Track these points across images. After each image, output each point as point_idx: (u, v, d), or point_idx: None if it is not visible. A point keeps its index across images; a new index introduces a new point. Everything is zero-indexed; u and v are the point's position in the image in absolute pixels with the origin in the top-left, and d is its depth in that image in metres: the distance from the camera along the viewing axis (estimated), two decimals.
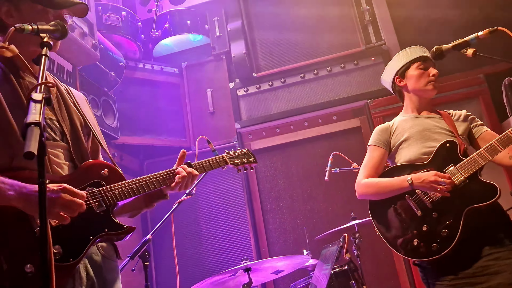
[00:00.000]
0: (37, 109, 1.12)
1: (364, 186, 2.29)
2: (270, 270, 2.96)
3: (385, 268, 3.92)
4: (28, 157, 0.99)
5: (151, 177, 1.71)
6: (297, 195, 4.33)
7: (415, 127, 2.29)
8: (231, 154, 2.15)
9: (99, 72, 3.87)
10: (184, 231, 4.34)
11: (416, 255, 2.06)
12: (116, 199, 1.58)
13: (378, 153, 2.35)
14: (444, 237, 2.00)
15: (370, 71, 4.48)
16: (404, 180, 2.12)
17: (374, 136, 2.42)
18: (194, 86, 4.91)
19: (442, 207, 2.07)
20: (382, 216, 2.21)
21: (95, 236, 1.51)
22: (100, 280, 1.54)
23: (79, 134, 1.67)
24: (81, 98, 1.84)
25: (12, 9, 1.56)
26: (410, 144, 2.26)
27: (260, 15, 4.93)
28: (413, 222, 2.10)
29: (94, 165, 1.61)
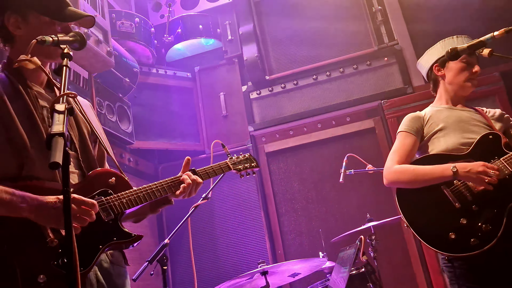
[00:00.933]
0: (61, 120, 1.14)
1: (397, 172, 2.13)
2: (287, 273, 2.96)
3: (403, 270, 3.89)
4: (54, 167, 1.02)
5: (157, 185, 1.73)
6: (312, 197, 4.33)
7: (451, 117, 2.20)
8: (234, 159, 2.16)
9: (114, 78, 3.93)
10: (200, 235, 4.36)
11: (451, 249, 1.94)
12: (123, 208, 1.60)
13: (410, 140, 2.21)
14: (485, 232, 1.89)
15: (383, 71, 4.46)
16: (447, 168, 1.98)
17: (406, 123, 2.28)
18: (207, 90, 4.94)
19: (483, 200, 1.96)
20: (413, 206, 2.07)
21: (104, 245, 1.52)
22: (110, 286, 1.57)
23: (87, 142, 1.69)
24: (87, 105, 1.86)
25: (19, 21, 1.59)
26: (447, 134, 2.15)
27: (271, 18, 4.94)
28: (450, 214, 1.98)
29: (101, 174, 1.63)
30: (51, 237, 1.39)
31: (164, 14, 4.99)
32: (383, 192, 4.10)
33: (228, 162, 2.11)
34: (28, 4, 1.59)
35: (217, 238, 4.38)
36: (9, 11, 1.59)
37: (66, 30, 1.62)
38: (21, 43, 1.59)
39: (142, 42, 4.44)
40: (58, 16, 1.60)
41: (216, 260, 4.31)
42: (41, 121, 1.54)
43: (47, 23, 1.59)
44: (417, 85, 4.28)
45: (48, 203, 1.35)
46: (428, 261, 3.75)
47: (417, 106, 4.07)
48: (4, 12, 1.60)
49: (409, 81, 4.32)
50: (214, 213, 4.45)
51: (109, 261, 1.61)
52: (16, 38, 1.62)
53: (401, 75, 4.35)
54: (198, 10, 5.00)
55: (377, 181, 4.08)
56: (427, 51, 2.46)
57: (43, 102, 1.61)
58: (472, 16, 4.16)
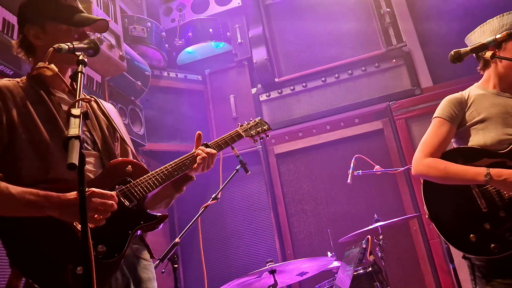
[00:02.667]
0: (76, 123, 1.22)
1: (428, 167, 2.02)
2: (295, 272, 3.01)
3: (410, 270, 3.91)
4: (71, 168, 1.09)
5: (172, 165, 1.79)
6: (321, 198, 4.37)
7: (496, 107, 2.03)
8: (244, 126, 2.18)
9: (126, 82, 4.02)
10: (210, 235, 4.44)
11: (469, 250, 1.91)
12: (145, 192, 1.66)
13: (445, 129, 2.06)
14: (508, 241, 1.85)
15: (392, 73, 4.48)
16: (480, 174, 1.89)
17: (444, 108, 2.11)
18: (217, 92, 5.02)
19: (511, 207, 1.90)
20: (438, 200, 2.01)
21: (133, 230, 1.61)
22: (135, 279, 1.63)
23: (109, 142, 1.77)
24: (111, 108, 1.95)
25: (39, 32, 1.67)
26: (487, 127, 2.01)
27: (280, 21, 5.01)
28: (475, 215, 1.93)
29: (118, 164, 1.69)
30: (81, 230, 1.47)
31: (175, 18, 5.09)
32: (390, 193, 4.14)
33: (239, 130, 2.13)
34: (45, 15, 1.67)
35: (227, 237, 4.45)
36: (28, 23, 1.69)
37: (82, 36, 1.70)
38: (42, 53, 1.66)
39: (154, 46, 4.54)
40: (73, 22, 1.68)
41: (225, 259, 4.38)
42: (64, 125, 1.60)
43: (64, 31, 1.67)
44: (425, 87, 4.30)
45: (70, 200, 1.42)
46: (436, 261, 3.77)
47: (425, 108, 4.10)
48: (23, 25, 1.70)
49: (417, 82, 4.34)
50: (224, 213, 4.52)
51: (134, 255, 1.68)
52: (37, 49, 1.71)
53: (409, 77, 4.37)
54: (208, 14, 5.08)
55: (385, 182, 4.13)
56: (482, 25, 2.18)
57: (66, 107, 1.67)
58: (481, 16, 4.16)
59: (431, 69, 4.33)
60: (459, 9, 4.28)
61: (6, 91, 1.58)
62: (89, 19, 1.70)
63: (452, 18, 4.25)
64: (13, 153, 1.53)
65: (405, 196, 4.04)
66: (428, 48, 4.39)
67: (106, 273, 1.50)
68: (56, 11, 1.68)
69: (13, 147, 1.53)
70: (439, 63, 4.28)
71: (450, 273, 3.68)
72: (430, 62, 4.35)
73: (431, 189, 2.05)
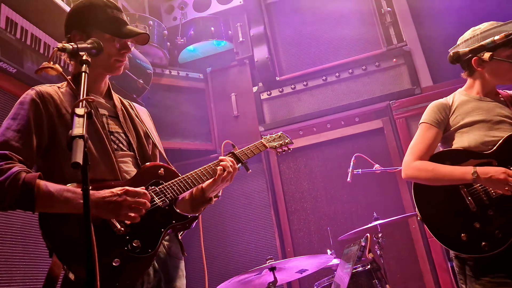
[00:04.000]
0: (81, 123, 1.24)
1: (416, 169, 2.09)
2: (295, 269, 3.04)
3: (409, 267, 3.94)
4: (75, 166, 1.12)
5: (202, 170, 1.85)
6: (321, 196, 4.40)
7: (479, 111, 2.11)
8: (268, 138, 2.30)
9: (128, 80, 4.04)
10: (211, 232, 4.47)
11: (460, 249, 1.97)
12: (176, 193, 1.74)
13: (432, 134, 2.14)
14: (497, 238, 1.90)
15: (392, 72, 4.51)
16: (468, 172, 1.95)
17: (430, 113, 2.20)
18: (219, 90, 5.05)
19: (500, 205, 1.95)
20: (428, 202, 2.06)
21: (166, 228, 1.68)
22: (166, 276, 1.69)
23: (143, 143, 1.86)
24: (143, 111, 2.04)
25: (84, 38, 1.72)
26: (471, 130, 2.08)
27: (282, 20, 5.03)
28: (464, 215, 1.98)
29: (151, 167, 1.78)
30: (117, 226, 1.54)
31: (177, 16, 5.11)
32: (389, 191, 4.16)
33: (264, 141, 2.25)
34: (92, 23, 1.75)
35: (227, 235, 4.48)
36: (75, 29, 1.77)
37: (124, 46, 1.78)
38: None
39: (156, 44, 4.56)
40: (118, 33, 1.76)
41: (226, 256, 4.41)
42: (102, 127, 1.72)
43: (108, 40, 1.74)
44: (425, 86, 4.32)
45: (105, 197, 1.49)
46: (435, 259, 3.80)
47: (425, 107, 4.08)
48: (71, 31, 1.78)
49: (418, 82, 4.36)
50: (225, 211, 4.55)
51: (167, 253, 1.74)
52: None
53: (409, 76, 4.40)
54: (210, 12, 5.10)
55: (384, 180, 4.15)
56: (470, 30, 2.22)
57: (103, 111, 1.80)
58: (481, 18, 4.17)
59: (431, 69, 4.36)
60: (460, 9, 4.30)
61: (47, 96, 1.67)
62: (132, 32, 1.78)
63: (453, 18, 4.26)
64: (56, 154, 1.62)
65: (404, 194, 4.07)
66: (429, 47, 4.41)
67: (140, 267, 1.57)
68: (104, 21, 1.76)
69: (55, 149, 1.62)
70: (439, 63, 4.29)
71: (448, 271, 3.71)
72: (430, 61, 4.37)
73: (422, 191, 2.10)
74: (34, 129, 1.60)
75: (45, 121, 1.63)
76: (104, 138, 1.69)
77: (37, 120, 1.61)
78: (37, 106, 1.63)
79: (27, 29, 2.78)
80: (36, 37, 2.84)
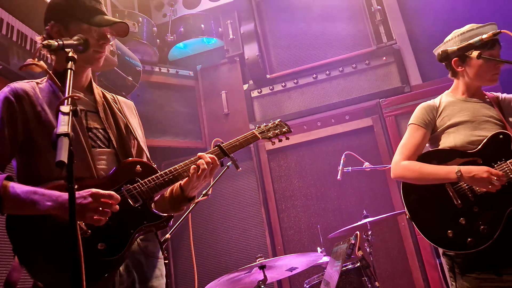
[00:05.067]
0: (66, 121, 1.22)
1: (404, 169, 2.15)
2: (285, 267, 3.04)
3: (398, 265, 3.97)
4: (60, 165, 1.10)
5: (182, 166, 1.76)
6: (311, 194, 4.41)
7: (465, 111, 2.16)
8: (262, 128, 2.10)
9: (117, 77, 4.01)
10: (201, 230, 4.45)
11: (448, 246, 2.01)
12: (151, 192, 1.66)
13: (420, 134, 2.19)
14: (482, 234, 1.95)
15: (382, 70, 4.52)
16: (452, 171, 2.00)
17: (417, 115, 2.25)
18: (209, 88, 5.03)
19: (484, 202, 2.00)
20: (416, 201, 2.12)
21: (136, 229, 1.60)
22: (141, 277, 1.63)
23: (125, 139, 1.78)
24: (128, 104, 1.96)
25: (62, 30, 1.70)
26: (458, 130, 2.13)
27: (272, 18, 5.02)
28: (451, 212, 2.03)
29: (128, 164, 1.70)
30: (84, 228, 1.49)
31: (167, 13, 5.07)
32: (379, 189, 4.19)
33: (255, 131, 2.05)
34: (69, 14, 1.71)
35: (217, 233, 4.47)
36: (52, 21, 1.73)
37: (102, 37, 1.73)
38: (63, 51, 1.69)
39: (145, 41, 4.53)
40: (94, 22, 1.71)
41: (216, 255, 4.40)
42: (79, 124, 1.66)
43: (86, 30, 1.69)
44: (415, 84, 4.35)
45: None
46: (424, 256, 3.83)
47: (414, 105, 4.07)
48: (49, 22, 1.74)
49: (407, 80, 4.38)
50: (215, 209, 4.54)
51: (142, 253, 1.68)
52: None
53: (399, 74, 4.42)
54: (200, 9, 5.08)
55: (374, 178, 4.18)
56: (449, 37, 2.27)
57: (82, 106, 1.73)
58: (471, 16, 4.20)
59: (420, 67, 4.38)
60: (449, 8, 4.32)
61: (22, 93, 1.63)
62: (109, 21, 1.73)
63: (442, 16, 4.29)
64: (31, 152, 1.59)
65: (394, 192, 4.09)
66: (418, 46, 4.43)
67: (104, 270, 1.51)
68: (80, 11, 1.71)
69: (30, 147, 1.59)
70: (428, 61, 4.32)
71: (437, 268, 3.74)
72: (420, 60, 4.40)
73: (410, 191, 2.15)
74: (6, 129, 1.57)
75: (19, 120, 1.59)
76: (80, 135, 1.64)
77: (10, 118, 1.58)
78: (10, 104, 1.60)
79: (13, 25, 2.74)
80: (23, 33, 2.80)
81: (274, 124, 2.17)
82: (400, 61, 4.45)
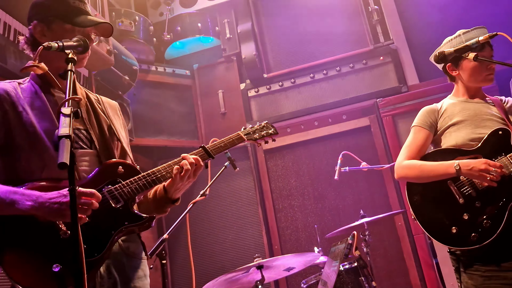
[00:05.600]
0: (67, 123, 1.22)
1: (406, 168, 2.19)
2: (282, 267, 3.05)
3: (395, 264, 3.98)
4: (62, 167, 1.10)
5: (166, 167, 1.75)
6: (308, 194, 4.41)
7: (466, 111, 2.20)
8: (248, 129, 2.10)
9: (114, 76, 3.99)
10: (198, 230, 4.45)
11: (452, 243, 2.02)
12: (133, 193, 1.64)
13: (422, 135, 2.25)
14: (486, 228, 1.96)
15: (379, 70, 4.54)
16: (451, 166, 2.04)
17: (420, 117, 2.31)
18: (206, 87, 5.01)
19: (486, 197, 2.01)
20: (420, 200, 2.14)
21: (117, 230, 1.59)
22: (123, 278, 1.62)
23: (108, 140, 1.76)
24: (113, 106, 1.94)
25: (45, 29, 1.70)
26: (459, 129, 2.17)
27: (269, 17, 5.01)
28: (454, 209, 2.05)
29: (110, 165, 1.68)
30: (63, 229, 1.47)
31: (163, 12, 5.05)
32: (377, 189, 4.20)
33: (241, 132, 2.06)
34: (52, 13, 1.70)
35: (214, 233, 4.47)
36: (35, 21, 1.72)
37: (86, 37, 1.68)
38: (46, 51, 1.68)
39: (142, 40, 4.51)
40: (77, 23, 1.70)
41: (213, 255, 4.40)
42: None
43: (68, 30, 1.69)
44: (412, 84, 4.36)
45: (51, 198, 1.43)
46: (421, 256, 3.84)
47: (411, 105, 4.15)
48: (32, 22, 1.73)
49: (404, 80, 4.40)
50: (213, 209, 4.53)
51: (124, 254, 1.67)
52: None
53: (396, 74, 4.43)
54: (197, 8, 5.06)
55: (371, 178, 4.19)
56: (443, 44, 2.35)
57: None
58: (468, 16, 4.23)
59: (417, 67, 4.40)
60: (446, 8, 4.34)
61: (3, 93, 1.62)
62: (92, 21, 1.72)
63: (439, 16, 4.30)
64: (12, 152, 1.57)
65: (391, 192, 4.11)
66: (415, 46, 4.45)
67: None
68: (64, 11, 1.71)
69: (11, 147, 1.57)
70: (425, 61, 4.30)
71: (433, 267, 3.76)
72: (417, 60, 4.41)
73: (413, 190, 2.18)
74: None
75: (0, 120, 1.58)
76: None
77: None
78: None
79: (10, 24, 2.72)
80: (20, 32, 2.78)
81: (261, 126, 2.17)
82: (397, 61, 4.46)
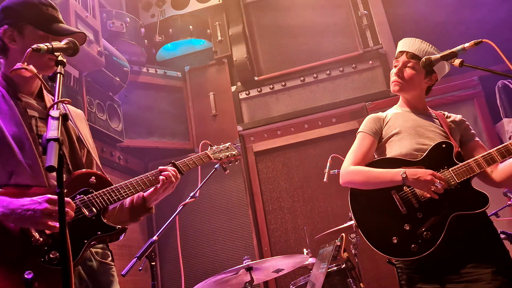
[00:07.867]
0: (55, 126, 1.23)
1: (352, 173, 2.15)
2: (271, 269, 3.06)
3: (383, 266, 4.02)
4: (50, 170, 1.10)
5: (137, 180, 1.80)
6: (298, 196, 4.45)
7: (408, 121, 2.23)
8: (214, 149, 2.23)
9: (105, 77, 3.99)
10: (188, 232, 4.46)
11: (392, 253, 2.00)
12: (105, 203, 1.67)
13: (368, 142, 2.24)
14: (426, 240, 1.95)
15: (368, 74, 4.59)
16: (398, 173, 2.02)
17: (366, 124, 2.33)
18: (197, 89, 5.03)
19: (428, 208, 2.02)
20: (363, 207, 2.12)
21: (89, 239, 1.61)
22: (94, 283, 1.65)
23: (76, 148, 1.77)
24: (78, 114, 1.94)
25: (15, 35, 1.69)
26: (402, 138, 2.18)
27: (260, 20, 5.04)
28: (395, 219, 2.03)
29: (81, 175, 1.70)
30: (35, 236, 1.47)
31: (155, 14, 5.06)
32: None
33: (208, 152, 2.19)
34: (24, 19, 1.69)
35: (204, 235, 4.48)
36: (6, 25, 1.70)
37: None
38: (14, 56, 1.68)
39: (133, 42, 4.52)
40: (51, 30, 1.70)
41: (203, 256, 4.41)
42: (29, 130, 1.63)
43: (41, 37, 1.68)
44: None
45: (23, 205, 1.43)
46: None
47: None
48: (1, 27, 1.70)
49: None
50: (203, 211, 4.55)
51: (94, 260, 1.69)
52: (10, 51, 1.71)
53: (385, 78, 4.48)
54: (189, 10, 5.08)
55: None
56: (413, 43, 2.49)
57: (32, 112, 1.70)
58: (455, 22, 4.29)
59: None
60: (435, 13, 4.40)
61: None
62: (66, 30, 1.72)
63: (427, 21, 4.36)
64: None
65: None
66: None
67: (56, 279, 1.49)
68: (37, 17, 1.70)
69: None
70: None
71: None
72: None
73: (357, 198, 2.16)
74: None
75: None
76: (31, 142, 1.61)
77: None
78: None
79: None
80: None
81: (225, 147, 2.29)
82: (386, 65, 4.51)
